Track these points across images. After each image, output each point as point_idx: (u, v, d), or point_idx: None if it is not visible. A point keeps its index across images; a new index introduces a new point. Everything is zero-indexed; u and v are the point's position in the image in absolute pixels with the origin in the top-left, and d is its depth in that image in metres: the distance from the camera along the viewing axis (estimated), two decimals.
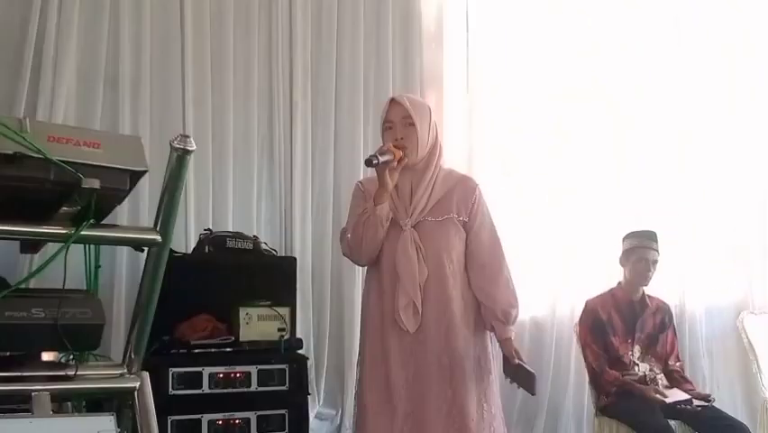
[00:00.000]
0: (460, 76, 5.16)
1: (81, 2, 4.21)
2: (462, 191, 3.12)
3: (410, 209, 3.06)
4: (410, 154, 3.01)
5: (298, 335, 4.03)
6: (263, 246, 4.15)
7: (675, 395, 4.21)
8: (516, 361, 3.07)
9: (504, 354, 3.11)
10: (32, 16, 4.07)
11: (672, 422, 4.06)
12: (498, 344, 3.18)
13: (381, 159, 2.90)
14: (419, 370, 3.01)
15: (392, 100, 3.10)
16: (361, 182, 3.27)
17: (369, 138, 4.80)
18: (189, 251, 4.11)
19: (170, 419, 3.49)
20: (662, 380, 4.35)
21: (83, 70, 4.24)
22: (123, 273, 4.08)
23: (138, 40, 4.35)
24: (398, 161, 2.96)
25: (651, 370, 4.35)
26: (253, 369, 3.68)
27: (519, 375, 3.07)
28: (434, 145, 3.11)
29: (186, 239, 4.22)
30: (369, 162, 2.90)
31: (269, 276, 4.01)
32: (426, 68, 5.06)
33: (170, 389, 3.52)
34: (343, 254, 3.24)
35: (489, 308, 3.09)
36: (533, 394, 3.16)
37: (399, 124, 3.03)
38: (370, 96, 4.89)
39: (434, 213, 3.07)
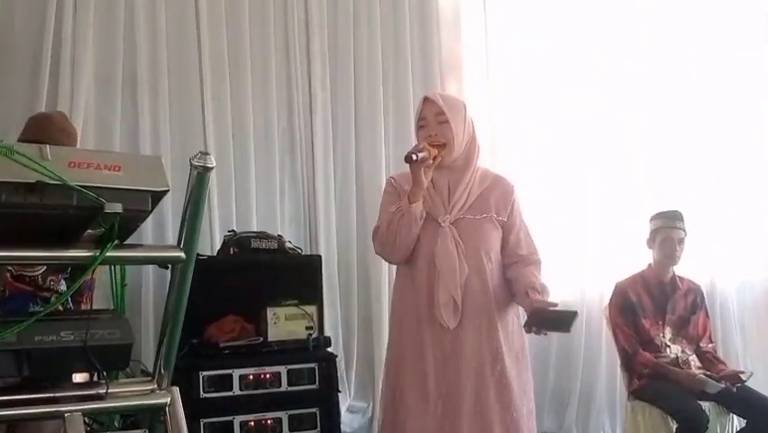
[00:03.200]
0: (479, 62, 5.12)
1: (96, 3, 4.22)
2: (501, 192, 3.09)
3: (449, 206, 3.02)
4: (446, 152, 2.98)
5: (326, 331, 4.05)
6: (288, 245, 4.15)
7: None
8: (553, 306, 2.94)
9: (534, 308, 2.93)
10: (47, 20, 4.08)
11: (704, 404, 4.04)
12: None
13: (419, 156, 2.85)
14: (458, 367, 2.98)
15: (426, 98, 3.06)
16: (393, 178, 3.23)
17: (390, 127, 4.80)
18: (214, 253, 4.14)
19: (203, 421, 3.53)
20: (694, 362, 4.31)
21: (101, 72, 4.26)
22: (151, 288, 4.16)
23: (154, 39, 4.36)
24: (433, 159, 2.92)
25: (683, 352, 4.32)
26: (283, 369, 3.71)
27: (557, 318, 2.91)
28: (471, 143, 3.07)
29: (211, 241, 4.24)
30: (408, 159, 2.84)
31: (295, 275, 4.02)
32: (445, 55, 5.03)
33: (201, 392, 3.56)
34: (376, 252, 3.19)
35: (523, 283, 3.01)
36: (568, 331, 2.94)
37: (433, 121, 3.00)
38: (389, 84, 4.88)
39: (473, 211, 3.03)
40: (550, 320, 2.93)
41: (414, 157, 2.83)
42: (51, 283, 2.94)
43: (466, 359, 2.97)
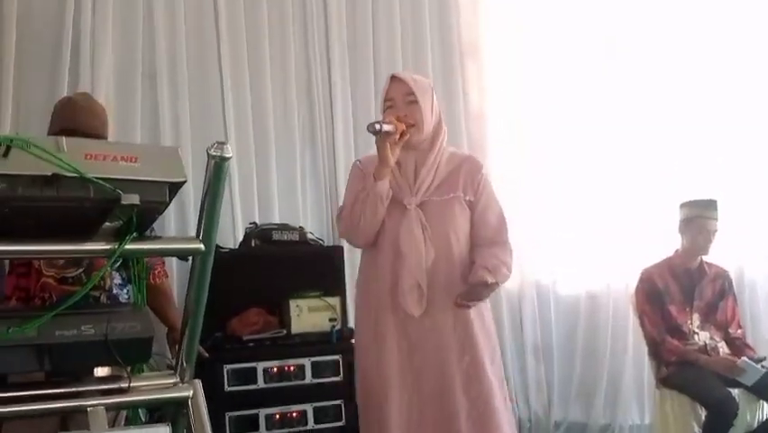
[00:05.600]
0: (499, 44, 5.07)
1: None
2: (469, 171, 3.00)
3: (414, 188, 2.92)
4: (414, 132, 2.87)
5: (350, 323, 4.01)
6: (310, 236, 4.14)
7: None
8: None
9: (470, 284, 2.87)
10: (66, 12, 4.08)
11: (734, 391, 3.99)
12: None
13: (385, 127, 2.76)
14: (424, 357, 2.86)
15: (393, 77, 2.97)
16: (359, 161, 3.13)
17: None
18: (236, 245, 4.11)
19: (228, 415, 3.52)
20: (722, 348, 4.25)
21: (120, 65, 4.26)
22: (174, 280, 4.09)
23: (173, 29, 4.36)
24: (400, 136, 2.81)
25: (711, 338, 4.25)
26: (307, 361, 3.70)
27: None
28: (437, 124, 2.98)
29: (233, 233, 4.20)
30: (371, 128, 2.75)
31: (318, 266, 4.01)
32: (464, 39, 4.99)
33: (226, 386, 3.56)
34: (340, 236, 3.12)
35: (478, 263, 2.90)
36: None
37: (401, 101, 2.91)
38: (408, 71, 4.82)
39: (439, 192, 2.94)
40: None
41: (377, 127, 2.75)
42: (101, 281, 2.87)
43: (432, 348, 2.87)
